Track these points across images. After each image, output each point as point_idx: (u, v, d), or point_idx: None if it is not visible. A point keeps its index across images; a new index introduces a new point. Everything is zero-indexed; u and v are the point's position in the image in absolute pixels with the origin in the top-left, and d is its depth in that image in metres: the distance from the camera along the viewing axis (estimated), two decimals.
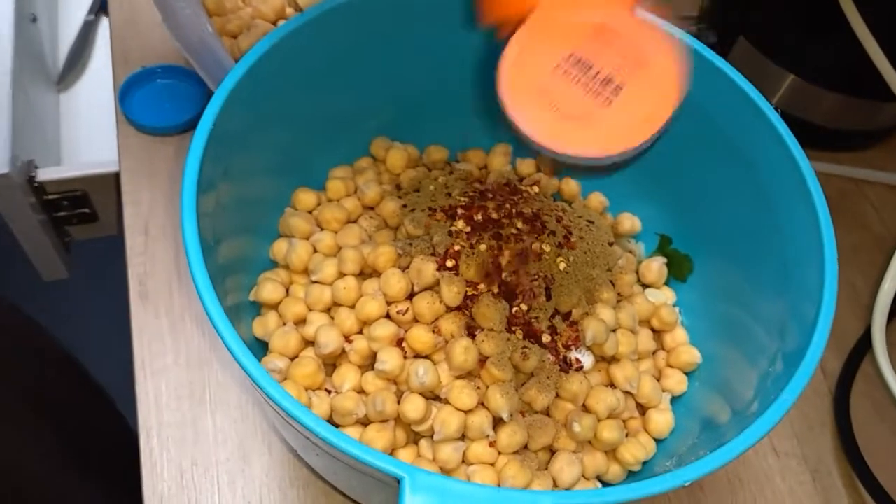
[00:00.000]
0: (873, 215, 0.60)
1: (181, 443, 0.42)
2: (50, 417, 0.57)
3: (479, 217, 0.38)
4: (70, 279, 0.66)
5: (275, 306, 0.38)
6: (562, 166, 0.46)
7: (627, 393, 0.38)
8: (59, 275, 0.64)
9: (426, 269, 0.36)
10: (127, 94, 0.54)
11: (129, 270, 0.47)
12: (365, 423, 0.34)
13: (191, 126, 0.53)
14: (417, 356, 0.35)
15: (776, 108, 0.38)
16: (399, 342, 0.35)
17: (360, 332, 0.36)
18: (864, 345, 0.51)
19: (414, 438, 0.36)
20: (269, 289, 0.37)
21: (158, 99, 0.54)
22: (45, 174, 0.56)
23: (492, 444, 0.34)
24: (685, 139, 0.41)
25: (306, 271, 0.39)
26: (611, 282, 0.41)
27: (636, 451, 0.36)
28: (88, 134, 0.67)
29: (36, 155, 0.56)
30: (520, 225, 0.38)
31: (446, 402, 0.34)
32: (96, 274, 0.87)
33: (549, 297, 0.37)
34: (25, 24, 0.60)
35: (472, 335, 0.35)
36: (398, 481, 0.24)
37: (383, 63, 0.41)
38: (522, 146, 0.46)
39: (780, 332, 0.35)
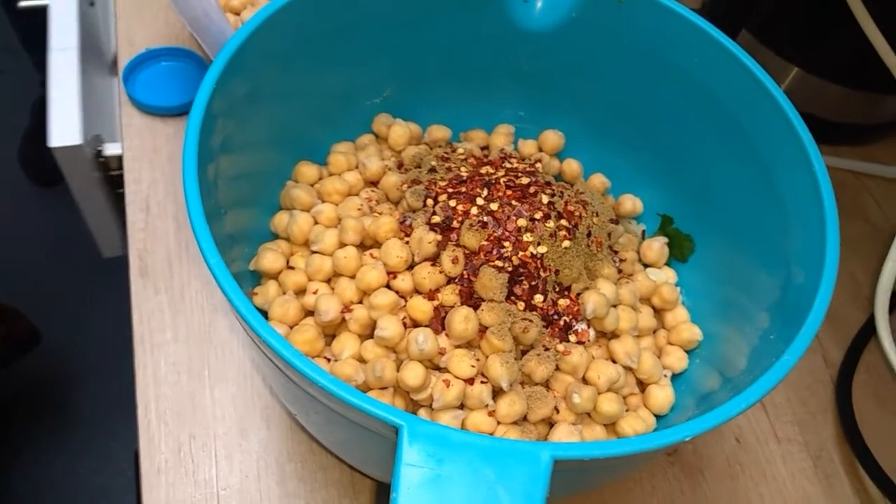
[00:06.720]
0: (874, 208, 0.60)
1: (179, 416, 0.41)
2: None
3: (480, 190, 0.38)
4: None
5: (275, 276, 0.38)
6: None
7: (628, 369, 0.38)
8: (116, 251, 0.65)
9: (427, 239, 0.36)
10: (130, 74, 0.54)
11: (130, 247, 0.47)
12: (364, 390, 0.34)
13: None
14: (417, 326, 0.35)
15: None
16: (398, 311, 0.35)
17: (360, 303, 0.36)
18: (866, 333, 0.51)
19: (413, 409, 0.35)
20: (269, 258, 0.37)
21: (161, 80, 0.54)
22: (110, 149, 0.55)
23: (491, 414, 0.34)
24: (687, 118, 0.41)
25: (307, 243, 0.39)
26: (612, 259, 0.41)
27: (636, 424, 0.36)
28: None
29: (101, 132, 0.57)
30: (520, 200, 0.38)
31: (446, 370, 0.34)
32: None
33: (550, 271, 0.37)
34: (85, 7, 0.61)
35: (474, 307, 0.35)
36: (396, 431, 0.24)
37: (386, 39, 0.41)
38: (524, 127, 0.46)
39: (780, 310, 0.35)
